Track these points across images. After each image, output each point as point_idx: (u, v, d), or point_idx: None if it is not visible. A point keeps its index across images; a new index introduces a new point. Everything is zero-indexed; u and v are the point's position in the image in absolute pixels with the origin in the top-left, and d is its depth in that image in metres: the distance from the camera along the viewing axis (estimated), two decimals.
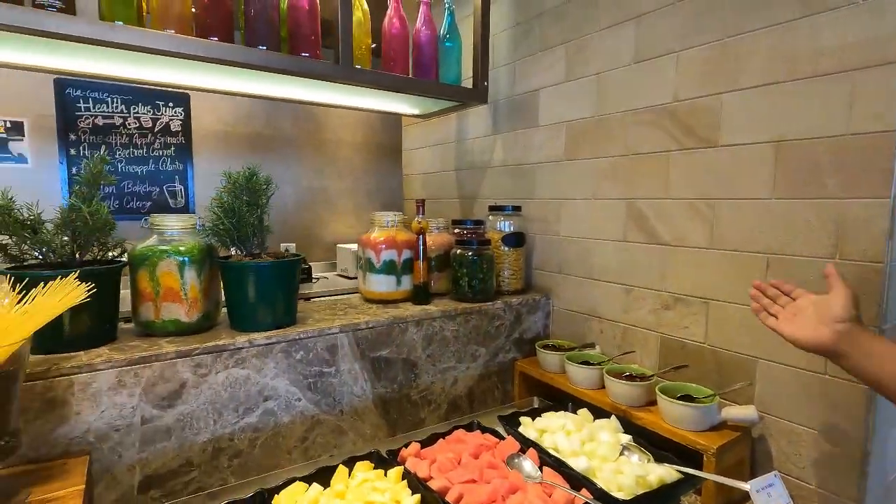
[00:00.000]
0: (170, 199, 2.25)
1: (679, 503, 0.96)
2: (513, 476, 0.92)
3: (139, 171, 2.17)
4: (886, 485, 1.00)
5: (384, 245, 1.41)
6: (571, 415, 1.18)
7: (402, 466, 0.97)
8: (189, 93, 2.21)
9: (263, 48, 1.28)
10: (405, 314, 1.30)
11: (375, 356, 1.24)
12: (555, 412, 1.21)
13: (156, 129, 2.20)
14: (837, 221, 0.94)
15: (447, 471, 0.95)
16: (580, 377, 1.29)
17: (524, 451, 1.02)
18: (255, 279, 1.10)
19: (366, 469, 0.97)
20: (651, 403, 1.16)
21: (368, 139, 2.65)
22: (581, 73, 1.47)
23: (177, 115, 2.23)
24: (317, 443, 1.16)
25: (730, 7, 1.10)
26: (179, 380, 0.98)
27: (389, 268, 1.42)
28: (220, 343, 1.02)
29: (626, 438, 1.05)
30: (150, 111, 2.18)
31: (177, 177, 2.26)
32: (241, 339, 1.05)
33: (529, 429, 1.13)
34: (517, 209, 1.65)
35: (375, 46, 1.54)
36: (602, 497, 0.88)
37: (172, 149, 2.24)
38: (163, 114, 2.20)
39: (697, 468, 0.95)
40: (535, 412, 1.21)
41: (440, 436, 1.11)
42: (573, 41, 1.49)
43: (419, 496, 0.88)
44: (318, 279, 2.30)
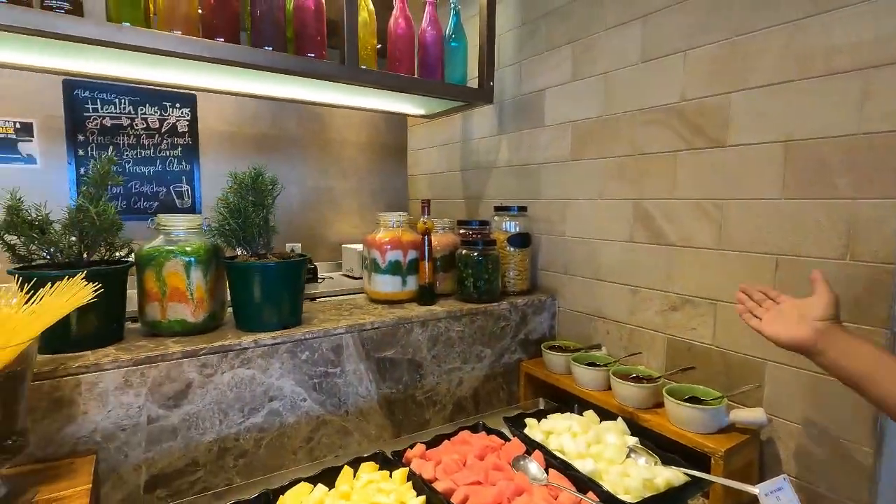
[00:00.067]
0: (177, 200, 2.26)
1: None
2: (518, 478, 0.92)
3: (146, 172, 2.19)
4: None
5: (389, 245, 1.41)
6: (577, 416, 1.17)
7: (408, 468, 0.97)
8: (195, 94, 2.22)
9: (269, 49, 1.29)
10: (410, 315, 1.29)
11: (381, 357, 1.24)
12: (560, 414, 1.20)
13: (163, 130, 2.21)
14: (848, 222, 0.93)
15: (452, 472, 0.94)
16: (586, 379, 1.28)
17: (530, 453, 1.01)
18: (261, 279, 1.10)
19: (371, 470, 0.97)
20: (658, 405, 1.15)
21: (373, 139, 2.65)
22: (588, 73, 1.46)
23: (183, 116, 2.24)
24: (322, 443, 1.16)
25: (738, 5, 1.09)
26: (185, 380, 0.98)
27: (395, 268, 1.41)
28: (226, 343, 1.02)
29: (633, 441, 1.05)
30: (157, 112, 2.19)
31: (183, 177, 2.27)
32: (247, 340, 1.05)
33: (535, 430, 1.12)
34: (523, 209, 1.64)
35: (381, 47, 1.54)
36: (608, 500, 0.87)
37: (179, 149, 2.25)
38: (170, 114, 2.21)
39: (705, 471, 0.94)
40: (541, 413, 1.21)
41: (445, 437, 1.10)
42: (580, 40, 1.48)
43: (424, 498, 0.88)
44: (324, 279, 2.30)
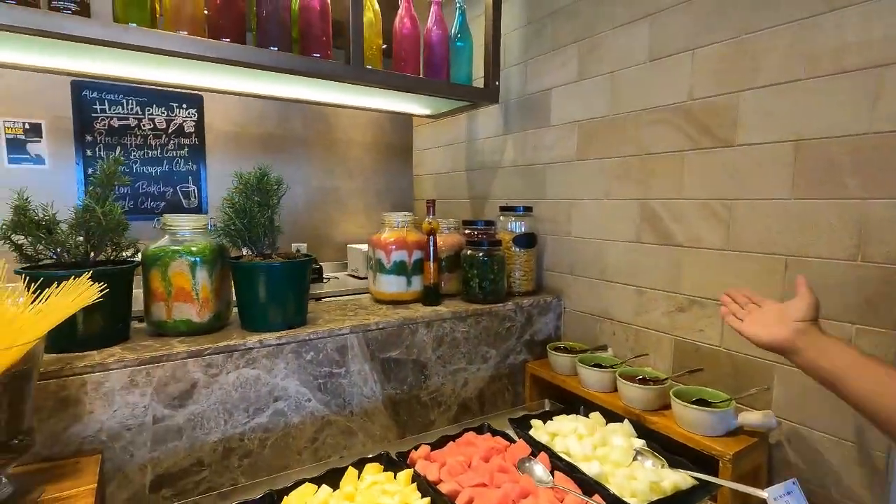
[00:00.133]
0: (183, 200, 2.27)
1: None
2: (524, 480, 0.91)
3: (153, 172, 2.20)
4: None
5: (394, 246, 1.40)
6: (583, 418, 1.16)
7: (412, 469, 0.97)
8: (202, 94, 2.23)
9: (275, 49, 1.29)
10: (415, 315, 1.29)
11: (385, 357, 1.24)
12: (566, 415, 1.19)
13: (170, 131, 2.22)
14: (860, 222, 0.92)
15: (457, 474, 0.94)
16: (592, 380, 1.27)
17: (535, 455, 1.00)
18: (266, 279, 1.10)
19: (375, 471, 0.97)
20: (665, 407, 1.14)
21: (379, 139, 2.65)
22: (594, 72, 1.45)
23: (190, 117, 2.25)
24: (327, 443, 1.16)
25: (746, 4, 1.07)
26: (190, 380, 0.98)
27: (400, 268, 1.41)
28: (231, 343, 1.02)
29: (640, 443, 1.04)
30: (164, 112, 2.20)
31: (190, 177, 2.28)
32: (252, 340, 1.05)
33: (541, 432, 1.12)
34: (528, 210, 1.63)
35: (386, 47, 1.54)
36: (615, 503, 0.87)
37: (186, 150, 2.26)
38: (176, 115, 2.22)
39: (713, 474, 0.93)
40: (547, 415, 1.20)
41: (450, 438, 1.10)
42: (586, 40, 1.47)
43: (429, 499, 0.87)
44: (329, 279, 2.30)
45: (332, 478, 0.95)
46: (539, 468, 0.94)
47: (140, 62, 1.29)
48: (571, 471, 0.95)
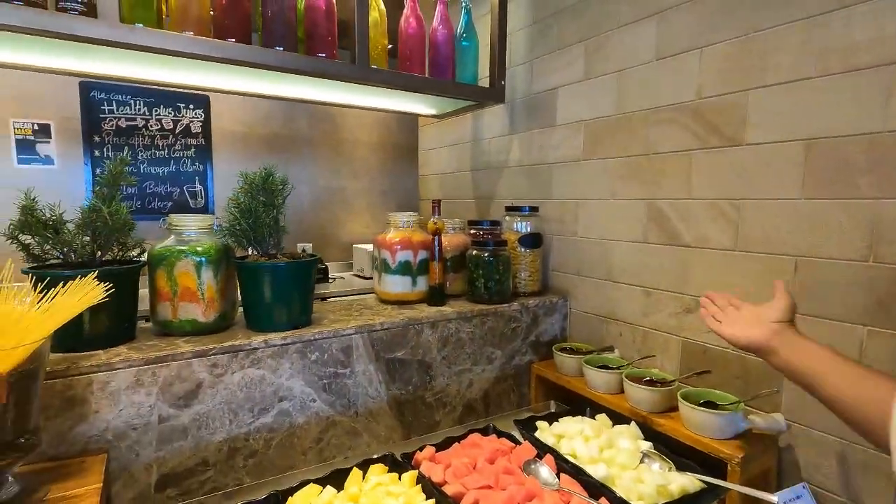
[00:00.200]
0: (190, 200, 2.28)
1: None
2: (529, 483, 0.90)
3: (160, 172, 2.21)
4: None
5: (400, 246, 1.40)
6: (589, 420, 1.15)
7: (417, 470, 0.96)
8: (208, 95, 2.24)
9: (280, 49, 1.29)
10: (420, 315, 1.29)
11: (390, 357, 1.23)
12: (572, 417, 1.19)
13: (177, 131, 2.23)
14: (872, 222, 0.90)
15: (462, 476, 0.93)
16: (598, 381, 1.26)
17: (541, 457, 1.00)
18: (271, 280, 1.10)
19: (380, 472, 0.97)
20: (672, 409, 1.13)
21: (384, 139, 2.65)
22: (600, 71, 1.44)
23: (197, 117, 2.26)
24: (331, 444, 1.16)
25: (756, 1, 1.06)
26: (196, 379, 0.99)
27: (405, 268, 1.41)
28: (237, 343, 1.02)
29: (647, 445, 1.03)
30: (171, 113, 2.21)
31: (197, 177, 2.29)
32: (257, 340, 1.05)
33: (546, 434, 1.11)
34: (534, 210, 1.62)
35: (392, 47, 1.54)
36: None
37: (193, 150, 2.27)
38: (183, 115, 2.23)
39: (721, 478, 0.92)
40: (552, 416, 1.19)
41: (455, 439, 1.09)
42: (592, 38, 1.46)
43: (433, 501, 0.87)
44: (335, 279, 2.31)
45: (337, 478, 0.95)
46: (545, 470, 0.94)
47: (146, 62, 1.30)
48: (577, 473, 0.94)
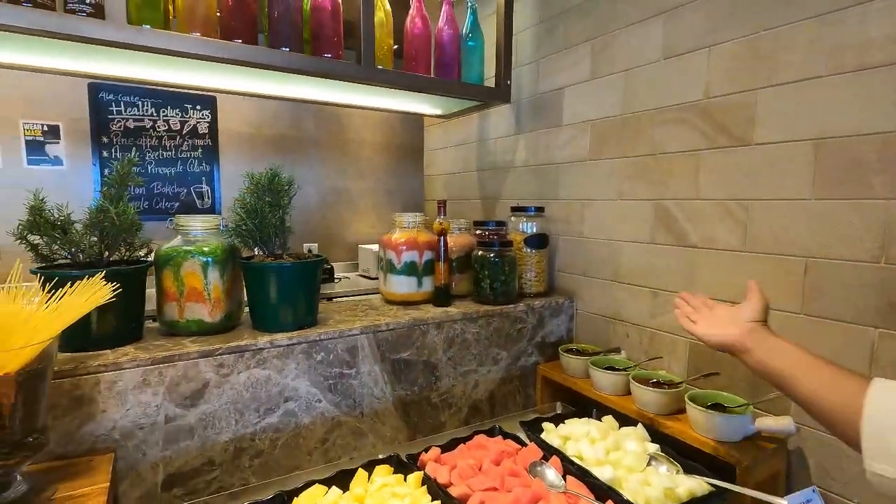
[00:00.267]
0: (197, 200, 2.30)
1: None
2: (535, 485, 0.90)
3: (168, 173, 2.22)
4: None
5: (405, 246, 1.40)
6: (596, 422, 1.15)
7: (422, 471, 0.96)
8: (215, 96, 2.25)
9: (287, 50, 1.29)
10: (426, 316, 1.28)
11: (396, 358, 1.23)
12: (578, 419, 1.18)
13: (184, 132, 2.24)
14: (885, 223, 0.89)
15: (468, 477, 0.93)
16: (605, 383, 1.25)
17: (547, 459, 0.99)
18: (277, 280, 1.10)
19: (385, 473, 0.96)
20: (680, 412, 1.12)
21: (390, 140, 2.65)
22: (607, 71, 1.43)
23: (204, 118, 2.27)
24: (337, 444, 1.16)
25: None
26: (202, 379, 0.99)
27: (410, 269, 1.40)
28: (243, 343, 1.03)
29: (654, 448, 1.02)
30: (179, 114, 2.22)
31: (203, 178, 2.30)
32: (263, 340, 1.05)
33: (552, 435, 1.10)
34: (540, 210, 1.61)
35: (397, 47, 1.54)
36: None
37: (200, 150, 2.28)
38: (190, 116, 2.25)
39: (729, 481, 0.91)
40: (559, 418, 1.18)
41: (461, 441, 1.09)
42: (599, 38, 1.45)
43: (439, 502, 0.87)
44: (340, 279, 2.31)
45: (342, 479, 0.95)
46: (551, 472, 0.93)
47: (154, 63, 1.30)
48: (584, 475, 0.93)
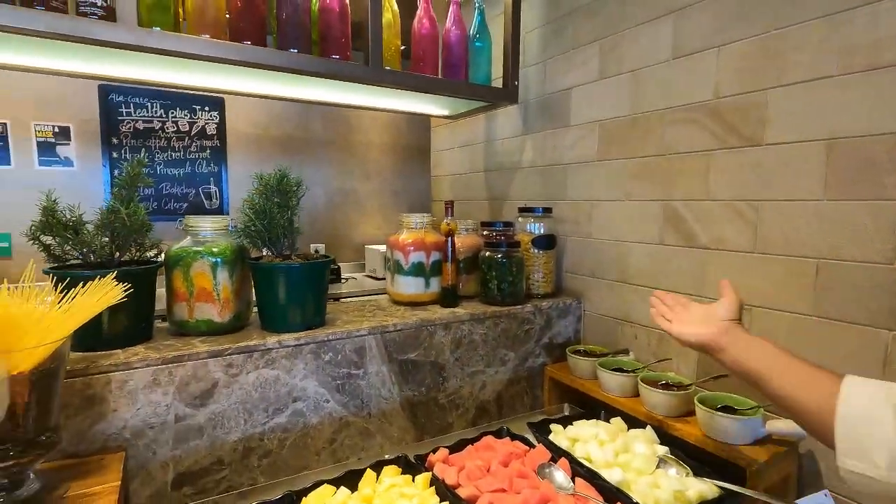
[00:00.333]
0: (205, 201, 2.31)
1: None
2: (544, 486, 0.89)
3: (177, 174, 2.24)
4: None
5: (413, 247, 1.40)
6: (604, 423, 1.14)
7: (430, 472, 0.96)
8: (223, 97, 2.27)
9: (295, 51, 1.30)
10: (433, 317, 1.28)
11: (403, 359, 1.23)
12: (586, 420, 1.17)
13: (192, 133, 2.26)
14: None
15: (476, 479, 0.93)
16: (613, 384, 1.24)
17: (555, 461, 0.99)
18: (286, 280, 1.11)
19: (393, 474, 0.96)
20: (689, 414, 1.11)
21: (397, 141, 2.66)
22: (615, 71, 1.43)
23: (212, 119, 2.29)
24: (345, 444, 1.16)
25: None
26: (212, 379, 0.99)
27: (418, 270, 1.41)
28: (251, 343, 1.03)
29: (663, 450, 1.01)
30: (187, 115, 2.24)
31: (212, 179, 2.32)
32: (272, 340, 1.05)
33: (560, 437, 1.10)
34: (548, 211, 1.61)
35: (405, 48, 1.54)
36: None
37: (208, 151, 2.30)
38: (199, 117, 2.26)
39: (740, 484, 0.90)
40: (566, 420, 1.18)
41: (469, 442, 1.09)
42: (607, 38, 1.45)
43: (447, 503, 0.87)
44: (347, 280, 2.32)
45: (351, 479, 0.95)
46: (560, 474, 0.93)
47: (164, 65, 1.31)
48: (593, 477, 0.93)
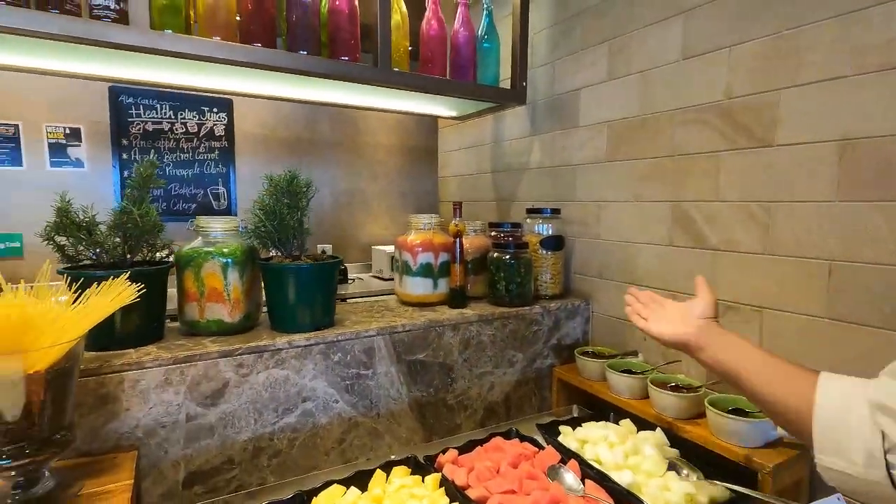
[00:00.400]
0: (213, 202, 2.33)
1: None
2: (553, 488, 0.89)
3: (185, 175, 2.26)
4: None
5: (421, 248, 1.40)
6: (613, 425, 1.14)
7: (440, 473, 0.96)
8: (232, 98, 2.28)
9: (305, 53, 1.30)
10: (442, 318, 1.28)
11: (412, 359, 1.23)
12: (595, 422, 1.17)
13: (201, 134, 2.27)
14: None
15: (485, 480, 0.93)
16: (622, 386, 1.24)
17: (565, 462, 0.98)
18: (295, 281, 1.11)
19: (403, 474, 0.97)
20: (699, 416, 1.10)
21: (404, 142, 2.66)
22: (624, 72, 1.42)
23: (221, 120, 2.30)
24: (354, 445, 1.16)
25: None
26: (222, 379, 1.00)
27: (426, 270, 1.41)
28: (262, 343, 1.04)
29: (673, 453, 1.01)
30: (196, 116, 2.26)
31: (220, 179, 2.33)
32: (282, 341, 1.06)
33: (570, 439, 1.10)
34: (556, 212, 1.61)
35: (413, 49, 1.54)
36: None
37: (216, 152, 2.31)
38: (207, 119, 2.28)
39: (751, 488, 0.89)
40: (575, 421, 1.18)
41: (478, 443, 1.09)
42: (616, 38, 1.44)
43: None
44: (354, 280, 2.32)
45: (360, 480, 0.95)
46: (570, 476, 0.93)
47: (174, 67, 1.32)
48: (603, 479, 0.93)
